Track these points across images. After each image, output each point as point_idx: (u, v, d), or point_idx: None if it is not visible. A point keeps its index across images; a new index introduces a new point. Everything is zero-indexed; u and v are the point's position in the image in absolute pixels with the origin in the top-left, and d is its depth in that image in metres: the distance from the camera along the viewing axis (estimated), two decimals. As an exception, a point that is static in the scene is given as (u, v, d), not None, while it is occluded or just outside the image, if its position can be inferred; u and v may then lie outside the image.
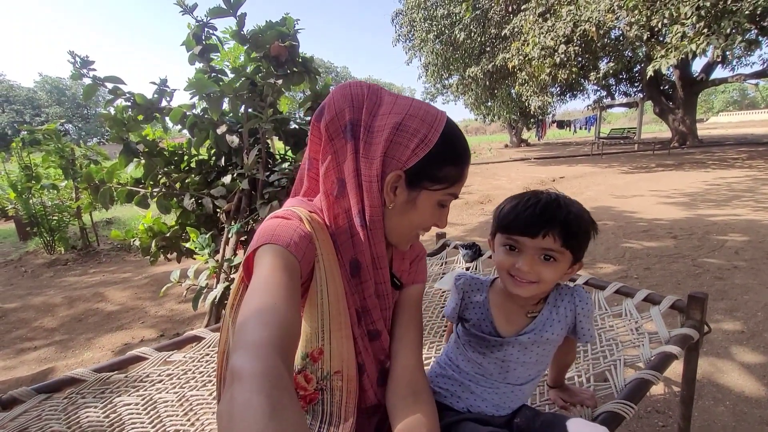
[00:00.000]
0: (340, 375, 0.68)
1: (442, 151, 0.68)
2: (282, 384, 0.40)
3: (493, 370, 0.81)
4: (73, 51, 1.86)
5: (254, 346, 0.44)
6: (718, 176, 7.67)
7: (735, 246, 3.42)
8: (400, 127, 0.67)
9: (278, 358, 0.43)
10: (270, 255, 0.58)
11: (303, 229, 0.65)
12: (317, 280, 0.66)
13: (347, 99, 0.69)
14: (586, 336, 0.82)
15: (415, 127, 0.67)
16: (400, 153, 0.67)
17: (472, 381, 0.82)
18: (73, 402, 1.01)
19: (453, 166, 0.70)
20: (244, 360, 0.41)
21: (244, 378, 0.39)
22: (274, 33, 1.93)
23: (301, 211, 0.68)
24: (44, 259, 4.68)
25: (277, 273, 0.56)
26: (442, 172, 0.69)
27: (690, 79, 14.75)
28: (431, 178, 0.69)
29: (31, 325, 2.85)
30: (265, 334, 0.46)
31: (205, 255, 1.84)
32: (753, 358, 1.88)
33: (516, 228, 0.73)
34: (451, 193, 0.73)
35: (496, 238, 0.78)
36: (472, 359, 0.83)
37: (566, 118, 25.11)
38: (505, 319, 0.81)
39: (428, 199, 0.71)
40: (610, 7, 7.65)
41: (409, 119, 0.67)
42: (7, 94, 42.09)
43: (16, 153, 4.80)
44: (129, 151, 2.02)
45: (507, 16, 11.55)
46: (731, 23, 6.55)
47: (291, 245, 0.60)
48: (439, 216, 0.75)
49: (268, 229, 0.63)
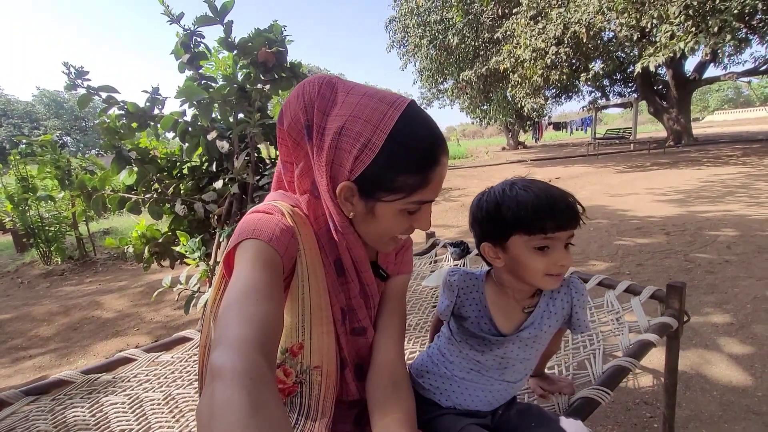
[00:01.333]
0: (320, 370, 0.68)
1: (393, 157, 0.60)
2: (263, 381, 0.39)
3: (491, 366, 0.80)
4: (68, 62, 1.90)
5: (235, 342, 0.43)
6: (712, 173, 7.71)
7: (727, 241, 3.45)
8: (342, 131, 0.60)
9: (259, 355, 0.43)
10: (251, 250, 0.57)
11: (285, 223, 0.63)
12: (299, 275, 0.65)
13: (300, 99, 0.63)
14: (582, 326, 0.81)
15: (358, 129, 0.59)
16: (345, 160, 0.60)
17: (466, 378, 0.81)
18: (60, 403, 1.03)
19: (410, 173, 0.60)
20: (225, 357, 0.40)
21: (224, 375, 0.38)
22: (262, 39, 1.97)
23: (283, 205, 0.66)
24: (41, 269, 4.69)
25: (259, 268, 0.54)
26: (397, 181, 0.60)
27: (683, 79, 14.87)
28: (384, 188, 0.61)
29: (27, 335, 2.86)
30: (246, 331, 0.45)
31: (195, 259, 1.85)
32: (741, 349, 1.89)
33: (554, 225, 0.67)
34: (415, 201, 0.63)
35: (514, 242, 0.71)
36: (470, 357, 0.81)
37: (562, 119, 25.21)
38: (503, 315, 0.79)
39: (387, 210, 0.64)
40: (600, 8, 7.75)
41: (351, 121, 0.60)
42: (5, 108, 42.28)
43: (13, 165, 4.83)
44: (122, 159, 2.05)
45: (499, 20, 11.67)
46: (719, 22, 6.63)
47: (273, 240, 0.59)
48: (410, 222, 0.67)
49: (249, 223, 0.61)
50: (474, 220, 0.78)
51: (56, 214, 4.99)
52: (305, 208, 0.69)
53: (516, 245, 0.71)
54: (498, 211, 0.71)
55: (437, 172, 0.63)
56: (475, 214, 0.78)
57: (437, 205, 6.79)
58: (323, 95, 0.63)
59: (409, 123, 0.61)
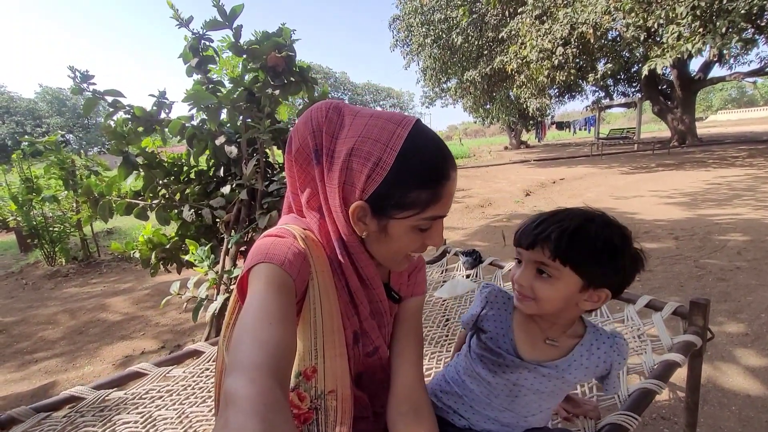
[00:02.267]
0: (335, 395, 0.67)
1: (405, 174, 0.61)
2: (277, 407, 0.40)
3: (501, 392, 0.77)
4: (73, 66, 1.87)
5: (249, 368, 0.43)
6: (718, 175, 7.66)
7: (737, 246, 3.41)
8: (353, 152, 0.61)
9: (273, 381, 0.43)
10: (264, 274, 0.58)
11: (297, 246, 0.63)
12: (311, 298, 0.65)
13: (308, 125, 0.65)
14: (613, 389, 0.80)
15: (368, 149, 0.61)
16: (357, 180, 0.62)
17: (475, 401, 0.79)
18: (72, 421, 1.01)
19: (421, 189, 0.61)
20: (239, 383, 0.41)
21: (238, 401, 0.39)
22: (271, 43, 1.94)
23: (295, 229, 0.67)
24: (45, 270, 4.68)
25: (272, 292, 0.55)
26: (409, 197, 0.61)
27: (688, 79, 14.78)
28: (397, 206, 0.62)
29: (33, 338, 2.85)
30: (259, 356, 0.45)
31: (204, 267, 1.83)
32: (758, 361, 1.86)
33: (516, 239, 0.73)
34: (428, 217, 0.64)
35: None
36: (481, 376, 0.79)
37: (565, 119, 25.12)
38: (526, 339, 0.77)
39: (400, 227, 0.64)
40: (607, 8, 7.68)
41: (361, 142, 0.61)
42: (7, 105, 42.36)
43: (17, 164, 4.81)
44: (128, 164, 2.03)
45: (504, 19, 11.60)
46: (726, 22, 6.57)
47: (285, 263, 0.59)
48: (423, 239, 0.68)
49: (262, 247, 0.62)
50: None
51: (60, 215, 4.98)
52: (317, 232, 0.69)
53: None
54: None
55: (448, 187, 0.64)
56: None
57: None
58: (330, 119, 0.64)
59: (417, 140, 0.62)
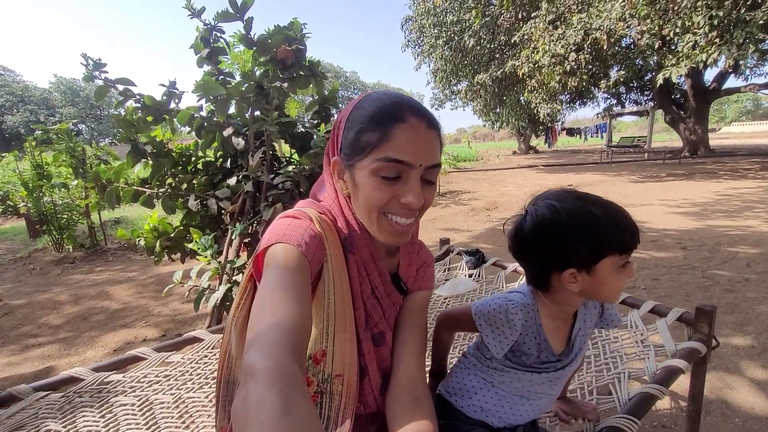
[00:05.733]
0: (341, 379, 0.68)
1: (357, 121, 0.64)
2: (295, 381, 0.41)
3: (543, 386, 0.79)
4: (86, 54, 1.89)
5: (268, 343, 0.44)
6: (729, 187, 7.55)
7: (747, 258, 3.35)
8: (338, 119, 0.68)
9: (291, 356, 0.44)
10: (281, 254, 0.58)
11: (313, 228, 0.64)
12: (325, 281, 0.65)
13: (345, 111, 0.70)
14: (615, 320, 0.84)
15: (344, 113, 0.67)
16: (335, 141, 0.68)
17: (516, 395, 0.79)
18: (70, 401, 1.01)
19: (369, 130, 0.62)
20: (258, 357, 0.42)
21: (257, 375, 0.40)
22: (281, 37, 1.94)
23: (311, 212, 0.68)
24: (53, 256, 4.74)
25: (289, 271, 0.56)
26: (361, 141, 0.63)
27: (702, 89, 14.57)
28: (355, 152, 0.64)
29: (37, 322, 2.88)
30: (278, 333, 0.46)
31: (207, 256, 1.84)
32: (764, 374, 1.82)
33: (635, 242, 0.68)
34: (382, 158, 0.61)
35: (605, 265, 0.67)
36: (523, 381, 0.78)
37: (576, 125, 24.93)
38: (556, 336, 0.76)
39: (362, 174, 0.64)
40: (622, 15, 7.61)
41: (347, 110, 0.67)
42: (22, 94, 42.99)
43: (29, 152, 4.88)
44: (137, 152, 2.04)
45: (517, 23, 11.54)
46: (744, 33, 6.48)
47: (302, 244, 0.60)
48: (393, 191, 0.64)
49: (279, 228, 0.62)
50: (543, 248, 0.70)
51: (69, 202, 5.04)
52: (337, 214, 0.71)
53: (606, 267, 0.67)
54: (592, 233, 0.65)
55: (401, 129, 0.61)
56: (550, 241, 0.68)
57: (447, 208, 6.73)
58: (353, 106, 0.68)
59: (375, 94, 0.66)
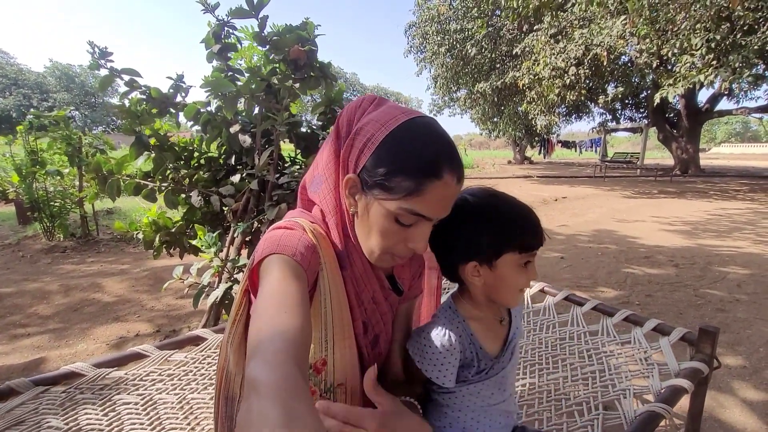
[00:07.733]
0: (344, 388, 0.67)
1: (393, 156, 0.59)
2: (298, 393, 0.40)
3: (493, 392, 0.76)
4: (93, 41, 1.87)
5: (270, 355, 0.44)
6: (719, 207, 7.69)
7: (737, 278, 3.42)
8: (357, 131, 0.63)
9: (294, 367, 0.43)
10: (278, 264, 0.58)
11: (307, 238, 0.64)
12: (321, 290, 0.65)
13: (347, 111, 0.68)
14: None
15: (368, 128, 0.62)
16: (353, 155, 0.63)
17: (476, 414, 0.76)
18: (71, 397, 0.99)
19: (406, 176, 0.58)
20: (260, 370, 0.41)
21: (260, 388, 0.39)
22: (294, 36, 1.94)
23: (304, 222, 0.68)
24: (43, 244, 4.65)
25: (287, 281, 0.55)
26: (393, 181, 0.59)
27: (695, 109, 14.88)
28: (380, 186, 0.60)
29: (26, 312, 2.82)
30: (280, 343, 0.45)
31: (210, 253, 1.82)
32: (756, 395, 1.86)
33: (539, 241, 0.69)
34: (406, 208, 0.60)
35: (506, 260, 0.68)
36: (474, 393, 0.75)
37: (570, 138, 25.21)
38: (489, 337, 0.75)
39: (379, 210, 0.62)
40: (622, 33, 7.75)
41: (366, 122, 0.63)
42: (16, 77, 42.20)
43: (22, 137, 4.78)
44: (140, 144, 2.02)
45: (519, 35, 11.67)
46: (740, 57, 6.63)
47: (297, 254, 0.60)
48: (404, 235, 0.64)
49: (273, 239, 0.62)
50: (452, 237, 0.71)
51: (62, 190, 4.95)
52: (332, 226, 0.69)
53: (506, 263, 0.68)
54: (496, 228, 0.67)
55: (436, 187, 0.59)
56: (457, 231, 0.70)
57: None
58: (363, 108, 0.66)
59: (418, 129, 0.61)
